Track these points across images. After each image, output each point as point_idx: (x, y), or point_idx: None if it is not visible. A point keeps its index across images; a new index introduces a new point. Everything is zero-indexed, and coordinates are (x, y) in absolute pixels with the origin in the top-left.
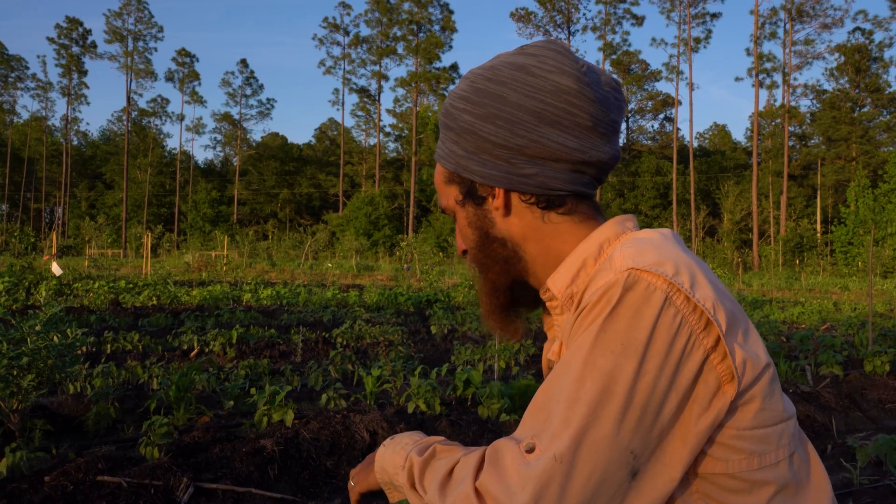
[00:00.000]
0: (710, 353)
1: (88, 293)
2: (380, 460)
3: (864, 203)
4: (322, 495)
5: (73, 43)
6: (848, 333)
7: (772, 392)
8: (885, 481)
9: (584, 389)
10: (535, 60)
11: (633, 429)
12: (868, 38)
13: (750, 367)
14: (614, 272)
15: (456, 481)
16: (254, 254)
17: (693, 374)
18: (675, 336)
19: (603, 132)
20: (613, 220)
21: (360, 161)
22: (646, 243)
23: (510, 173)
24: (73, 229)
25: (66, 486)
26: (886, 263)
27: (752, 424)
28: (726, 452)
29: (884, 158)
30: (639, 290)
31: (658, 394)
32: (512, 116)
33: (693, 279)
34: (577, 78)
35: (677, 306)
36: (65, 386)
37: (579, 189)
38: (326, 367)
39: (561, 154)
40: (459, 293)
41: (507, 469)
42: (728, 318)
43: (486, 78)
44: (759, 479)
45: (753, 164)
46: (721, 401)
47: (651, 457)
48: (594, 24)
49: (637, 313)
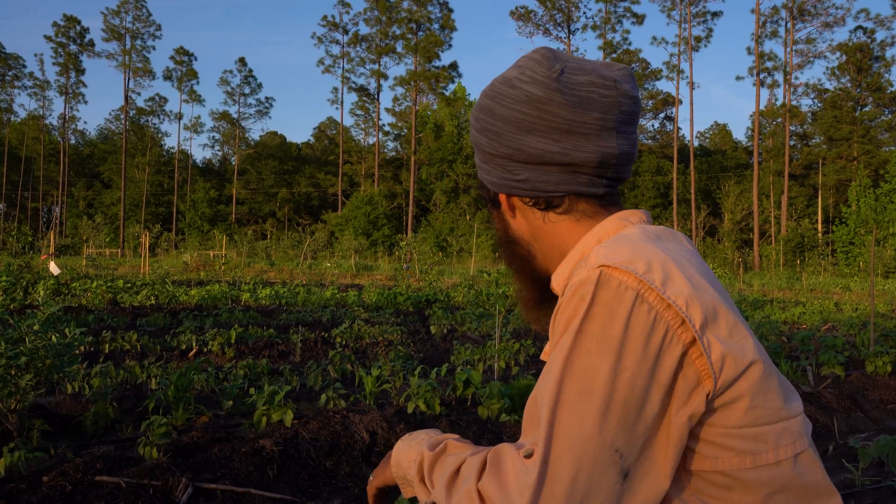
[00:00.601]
0: (688, 347)
1: (86, 293)
2: (395, 454)
3: (865, 203)
4: (321, 495)
5: (71, 41)
6: (849, 334)
7: (765, 389)
8: (887, 482)
9: (563, 390)
10: (518, 72)
11: (615, 427)
12: (870, 37)
13: (731, 363)
14: (588, 269)
15: (461, 480)
16: (252, 253)
17: (672, 369)
18: (650, 332)
19: (584, 132)
20: (617, 214)
21: (359, 160)
22: (622, 240)
23: (507, 179)
24: (70, 228)
25: (64, 486)
26: (888, 263)
27: (743, 423)
28: (714, 450)
29: (885, 158)
30: (610, 288)
31: (638, 390)
32: (497, 128)
33: (666, 276)
34: (546, 84)
35: (650, 303)
36: (63, 386)
37: (576, 189)
38: (325, 367)
39: (545, 158)
40: (459, 293)
41: (507, 474)
42: (705, 313)
43: (484, 94)
44: (753, 479)
45: (754, 164)
46: (699, 395)
47: (640, 456)
48: (594, 22)
49: (610, 312)
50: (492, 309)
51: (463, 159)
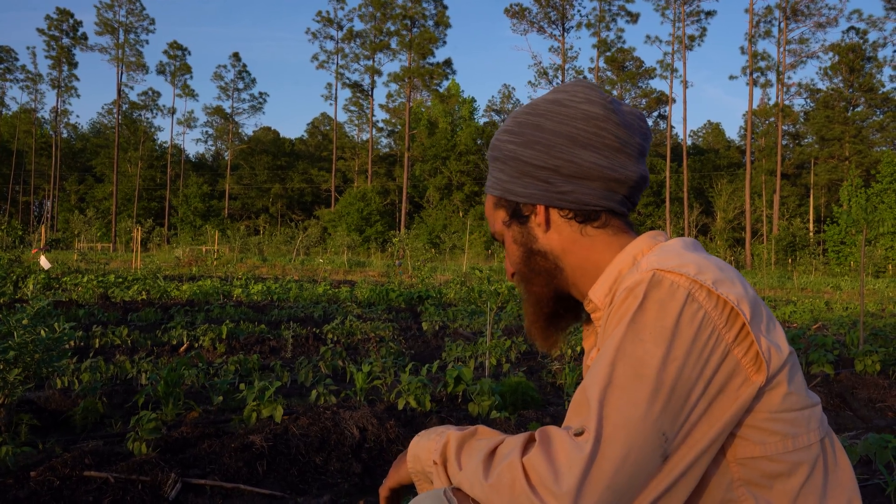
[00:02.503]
0: (731, 346)
1: (77, 287)
2: (413, 447)
3: (856, 203)
4: (311, 491)
5: (64, 34)
6: (839, 333)
7: (794, 379)
8: (874, 480)
9: (616, 374)
10: (566, 95)
11: (662, 410)
12: (862, 38)
13: (775, 355)
14: (640, 273)
15: (500, 456)
16: (245, 249)
17: (717, 363)
18: (699, 328)
19: (630, 153)
20: (647, 234)
21: (353, 156)
22: (670, 250)
23: (549, 191)
24: (62, 223)
25: (52, 481)
26: (878, 263)
27: (782, 407)
28: (762, 435)
29: (877, 158)
30: (664, 286)
31: (685, 379)
32: (549, 141)
33: (716, 277)
34: (603, 105)
35: (700, 301)
36: (52, 381)
37: (612, 206)
38: (316, 362)
39: (593, 172)
40: (451, 290)
41: (556, 451)
42: (752, 310)
43: (526, 113)
44: (794, 461)
45: (747, 163)
46: (748, 389)
47: (682, 442)
48: (589, 20)
49: (662, 306)
50: (483, 306)
51: (456, 156)
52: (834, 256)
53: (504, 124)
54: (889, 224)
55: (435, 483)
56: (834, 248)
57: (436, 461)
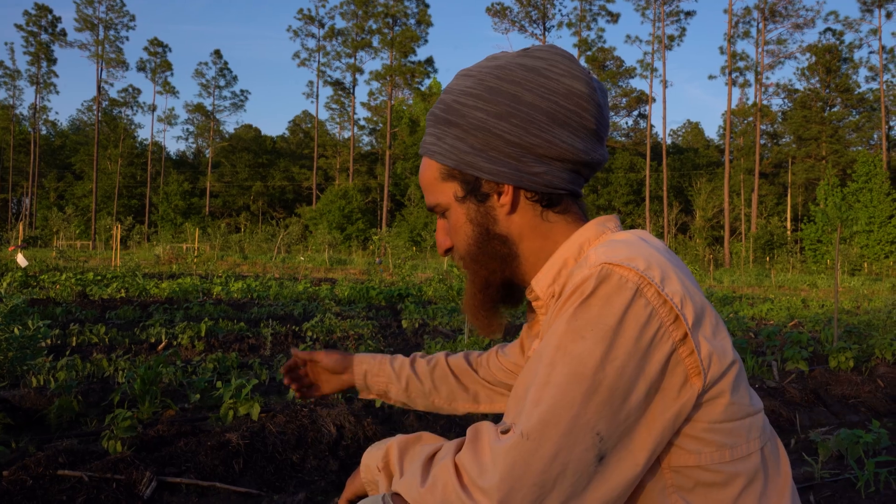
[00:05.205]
0: (678, 345)
1: (55, 285)
2: (365, 458)
3: (832, 201)
4: (287, 489)
5: (42, 30)
6: (815, 330)
7: (738, 387)
8: (845, 475)
9: (554, 373)
10: (545, 63)
11: (599, 411)
12: (839, 39)
13: (716, 361)
14: (589, 268)
15: (437, 460)
16: (225, 247)
17: (661, 364)
18: (644, 325)
19: (601, 135)
20: (595, 221)
21: (334, 154)
22: (619, 243)
23: (520, 171)
24: (40, 220)
25: (24, 480)
26: (854, 261)
27: (723, 418)
28: (698, 445)
29: (852, 158)
30: (611, 281)
31: (625, 379)
32: (527, 116)
33: (664, 274)
34: (587, 83)
35: (647, 298)
36: (27, 379)
37: (575, 189)
38: None
39: (567, 154)
40: (431, 287)
41: (483, 447)
42: (696, 313)
43: (497, 77)
44: (731, 472)
45: (726, 162)
46: (688, 393)
47: (618, 442)
48: (569, 20)
49: (608, 302)
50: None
51: None
52: (811, 255)
53: (463, 83)
54: (863, 223)
55: (380, 490)
56: (811, 247)
57: (379, 467)
